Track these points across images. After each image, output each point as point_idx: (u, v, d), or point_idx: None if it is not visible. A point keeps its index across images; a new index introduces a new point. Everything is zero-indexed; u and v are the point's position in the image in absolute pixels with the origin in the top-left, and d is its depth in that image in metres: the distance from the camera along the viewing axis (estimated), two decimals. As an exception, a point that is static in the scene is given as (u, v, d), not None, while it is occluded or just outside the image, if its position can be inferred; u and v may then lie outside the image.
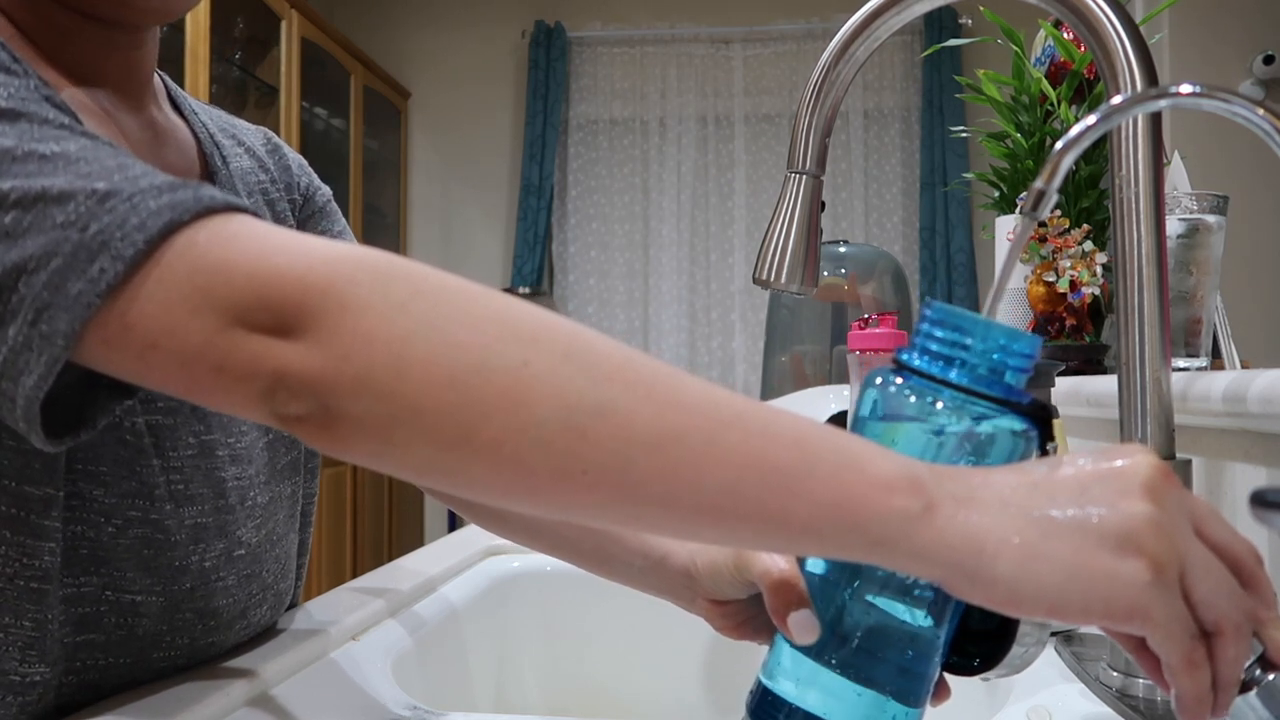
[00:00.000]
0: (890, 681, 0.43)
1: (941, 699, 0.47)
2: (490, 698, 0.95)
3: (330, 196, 0.82)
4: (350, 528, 3.40)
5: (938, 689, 0.46)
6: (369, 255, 0.40)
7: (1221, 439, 0.74)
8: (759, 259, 0.73)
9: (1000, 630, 0.42)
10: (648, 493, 0.37)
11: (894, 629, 0.43)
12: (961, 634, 0.44)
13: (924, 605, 0.43)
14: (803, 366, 2.06)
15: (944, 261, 3.91)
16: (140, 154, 0.63)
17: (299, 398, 0.38)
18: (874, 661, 0.43)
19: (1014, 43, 1.17)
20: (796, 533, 0.37)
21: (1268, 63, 2.85)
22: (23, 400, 0.41)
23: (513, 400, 0.37)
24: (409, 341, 0.37)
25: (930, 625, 0.43)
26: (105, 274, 0.39)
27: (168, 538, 0.59)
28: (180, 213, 0.40)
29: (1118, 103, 0.50)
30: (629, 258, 4.18)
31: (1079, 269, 1.07)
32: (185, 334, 0.39)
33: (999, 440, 0.42)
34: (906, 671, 0.43)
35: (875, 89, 4.08)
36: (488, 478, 0.38)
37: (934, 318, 0.43)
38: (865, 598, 0.44)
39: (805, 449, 0.38)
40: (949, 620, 0.43)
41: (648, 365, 0.39)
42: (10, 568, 0.53)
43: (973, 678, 0.45)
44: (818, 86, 0.71)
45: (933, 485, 0.37)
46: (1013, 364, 0.42)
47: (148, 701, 0.57)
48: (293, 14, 3.20)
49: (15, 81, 0.48)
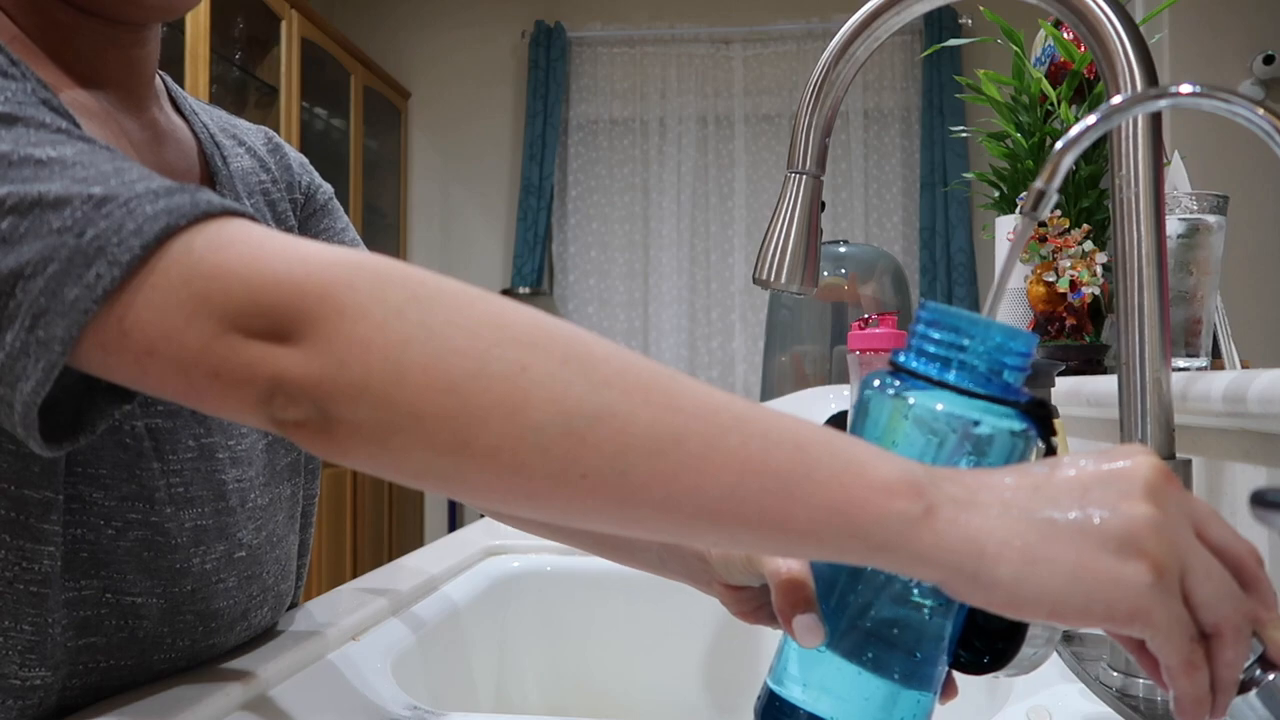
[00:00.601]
0: (897, 680, 0.43)
1: (949, 698, 0.47)
2: (490, 698, 0.95)
3: (332, 195, 0.82)
4: (350, 528, 3.40)
5: (946, 688, 0.46)
6: (366, 260, 0.40)
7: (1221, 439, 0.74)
8: (759, 259, 0.73)
9: (1010, 629, 0.42)
10: (647, 497, 0.37)
11: (900, 627, 0.43)
12: (971, 633, 0.44)
13: (930, 603, 0.43)
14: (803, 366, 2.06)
15: (944, 261, 3.91)
16: (141, 155, 0.63)
17: (296, 403, 0.38)
18: (881, 660, 0.43)
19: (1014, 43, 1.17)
20: (796, 537, 0.37)
21: (1268, 63, 2.85)
22: (20, 406, 0.41)
23: (510, 405, 0.37)
24: (406, 347, 0.37)
25: (937, 623, 0.43)
26: (102, 279, 0.39)
27: (168, 540, 0.59)
28: (177, 217, 0.40)
29: (1117, 103, 0.50)
30: (629, 258, 4.18)
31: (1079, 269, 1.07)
32: (182, 340, 0.39)
33: (998, 440, 0.41)
34: (914, 670, 0.43)
35: (875, 89, 4.08)
36: (486, 483, 0.38)
37: (929, 318, 0.43)
38: (872, 595, 0.44)
39: (805, 453, 0.38)
40: (955, 618, 0.43)
41: (647, 369, 0.39)
42: (10, 571, 0.53)
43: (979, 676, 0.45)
44: (818, 86, 0.71)
45: (932, 488, 0.37)
46: (1010, 363, 0.42)
47: (147, 702, 0.57)
48: (293, 14, 3.20)
49: (13, 85, 0.48)
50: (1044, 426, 0.42)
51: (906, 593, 0.43)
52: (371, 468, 0.39)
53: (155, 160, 0.64)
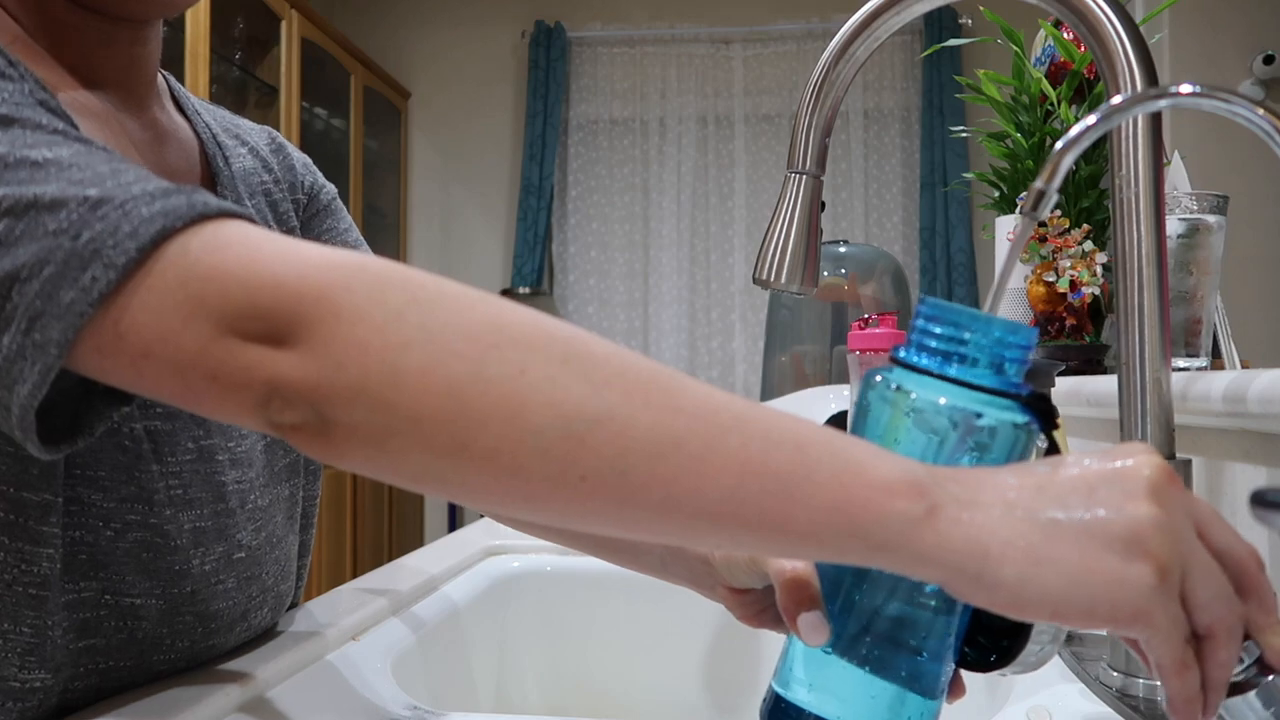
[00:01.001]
0: (903, 678, 0.43)
1: (956, 696, 0.47)
2: (490, 698, 0.95)
3: (335, 195, 0.82)
4: (350, 528, 3.40)
5: (953, 686, 0.46)
6: (364, 262, 0.39)
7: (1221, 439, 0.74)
8: (759, 259, 0.73)
9: (1015, 627, 0.42)
10: (647, 499, 0.37)
11: (906, 627, 0.43)
12: (976, 630, 0.44)
13: (934, 603, 0.43)
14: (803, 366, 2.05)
15: (944, 261, 3.91)
16: (142, 155, 0.63)
17: (293, 406, 0.38)
18: (887, 658, 0.43)
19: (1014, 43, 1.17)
20: (797, 538, 0.37)
21: (1268, 63, 2.85)
22: (18, 409, 0.41)
23: (510, 408, 0.37)
24: (405, 350, 0.37)
25: (942, 622, 0.43)
26: (97, 282, 0.39)
27: (167, 542, 0.59)
28: (173, 219, 0.40)
29: (1117, 103, 0.50)
30: (629, 258, 4.18)
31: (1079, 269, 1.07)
32: (179, 342, 0.39)
33: (1001, 432, 0.41)
34: (919, 667, 0.43)
35: (875, 89, 4.08)
36: (485, 486, 0.38)
37: (929, 313, 0.43)
38: (876, 595, 0.44)
39: (805, 453, 0.37)
40: (960, 617, 0.43)
41: (646, 369, 0.39)
42: (9, 574, 0.53)
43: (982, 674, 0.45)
44: (818, 86, 0.71)
45: (935, 487, 0.37)
46: (1010, 356, 0.42)
47: (146, 703, 0.57)
48: (293, 14, 3.19)
49: (10, 86, 0.48)
50: (1046, 420, 0.42)
51: (912, 593, 0.43)
52: (369, 470, 0.39)
53: (156, 160, 0.64)
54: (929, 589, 0.43)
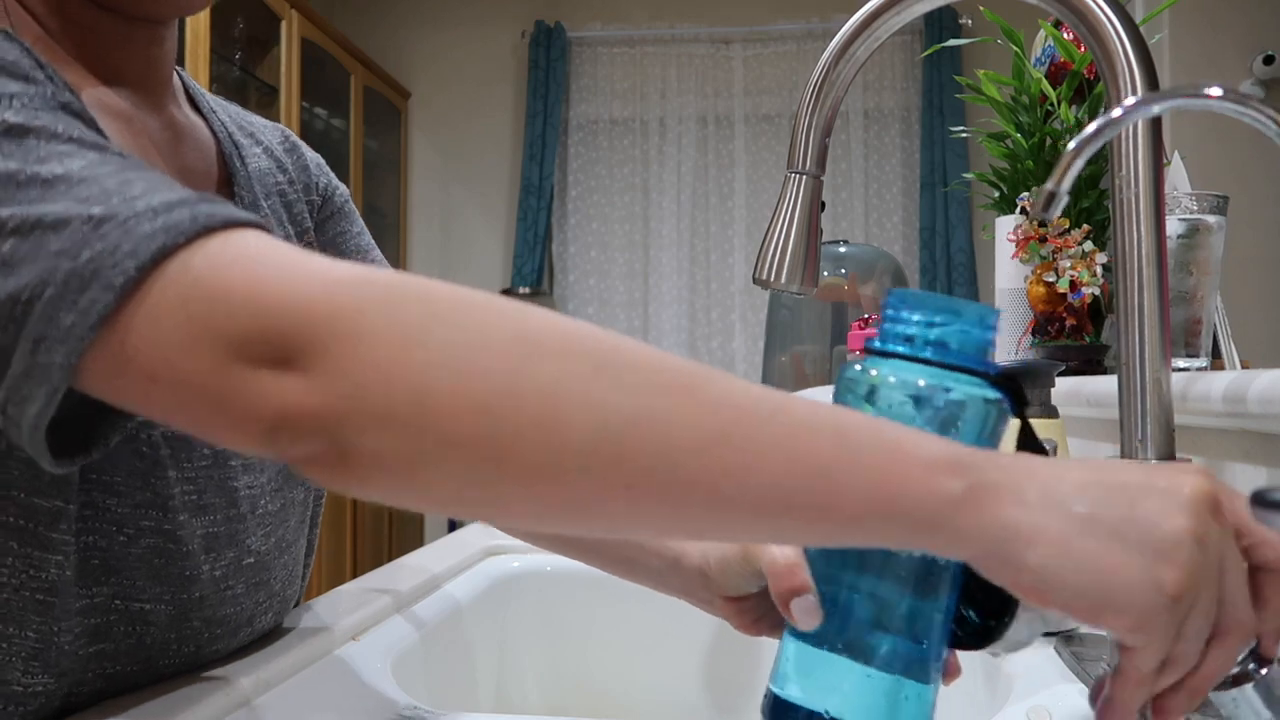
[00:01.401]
0: (897, 665, 0.44)
1: (952, 677, 0.48)
2: (490, 698, 0.95)
3: (348, 197, 0.81)
4: (350, 528, 3.40)
5: (948, 667, 0.46)
6: (374, 277, 0.38)
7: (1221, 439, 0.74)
8: (759, 259, 0.73)
9: (1000, 607, 0.43)
10: (694, 498, 0.36)
11: (894, 611, 0.44)
12: (962, 611, 0.45)
13: (922, 585, 0.43)
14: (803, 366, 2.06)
15: (944, 261, 3.91)
16: (162, 155, 0.62)
17: (305, 438, 0.36)
18: (878, 646, 0.44)
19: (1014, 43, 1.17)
20: (843, 522, 0.37)
21: (1268, 63, 2.85)
22: (27, 427, 0.40)
23: (548, 423, 0.35)
24: (429, 371, 0.35)
25: (929, 604, 0.44)
26: (96, 304, 0.38)
27: (180, 547, 0.59)
28: (174, 236, 0.39)
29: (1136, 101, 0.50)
30: (629, 258, 4.18)
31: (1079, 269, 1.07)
32: (183, 368, 0.37)
33: (971, 406, 0.43)
34: (912, 653, 0.44)
35: (875, 89, 4.08)
36: (526, 504, 0.36)
37: (896, 302, 0.45)
38: (864, 581, 0.44)
39: (846, 438, 0.38)
40: (948, 595, 0.44)
41: (681, 368, 0.38)
42: (16, 579, 0.53)
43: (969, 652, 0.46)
44: (818, 86, 0.71)
45: (974, 468, 0.37)
46: (976, 336, 0.44)
47: (148, 704, 0.57)
48: (293, 14, 3.19)
49: (31, 90, 0.46)
50: (1015, 397, 0.44)
51: (900, 579, 0.44)
52: (394, 499, 0.37)
53: (174, 161, 0.63)
54: (916, 574, 0.43)
